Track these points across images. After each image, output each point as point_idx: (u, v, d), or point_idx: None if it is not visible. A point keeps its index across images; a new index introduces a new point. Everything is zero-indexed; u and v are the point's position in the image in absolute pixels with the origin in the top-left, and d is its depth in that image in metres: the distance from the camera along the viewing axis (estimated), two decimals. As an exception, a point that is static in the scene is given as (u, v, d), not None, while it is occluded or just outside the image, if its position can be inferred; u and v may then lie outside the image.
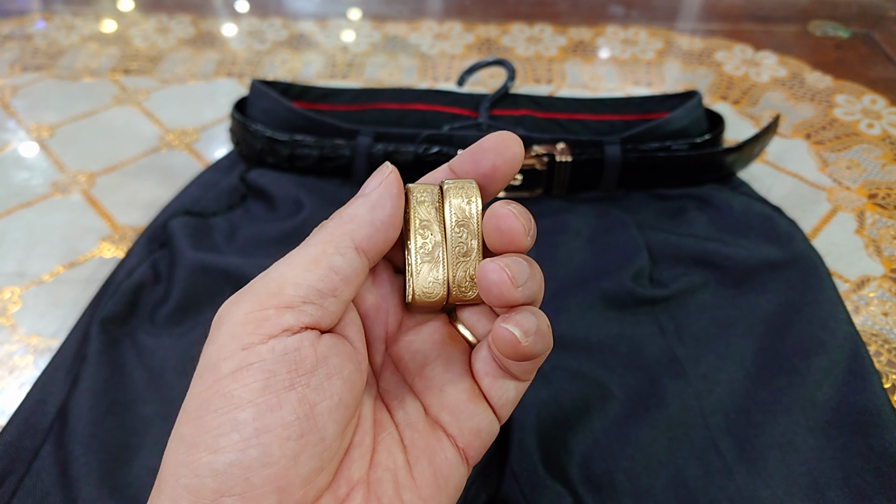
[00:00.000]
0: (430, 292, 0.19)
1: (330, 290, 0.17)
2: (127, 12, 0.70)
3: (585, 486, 0.28)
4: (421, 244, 0.19)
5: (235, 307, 0.16)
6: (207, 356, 0.16)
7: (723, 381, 0.32)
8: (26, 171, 0.49)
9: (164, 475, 0.16)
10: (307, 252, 0.17)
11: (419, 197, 0.19)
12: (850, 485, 0.28)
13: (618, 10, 0.69)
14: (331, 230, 0.18)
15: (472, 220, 0.19)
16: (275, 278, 0.17)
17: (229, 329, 0.16)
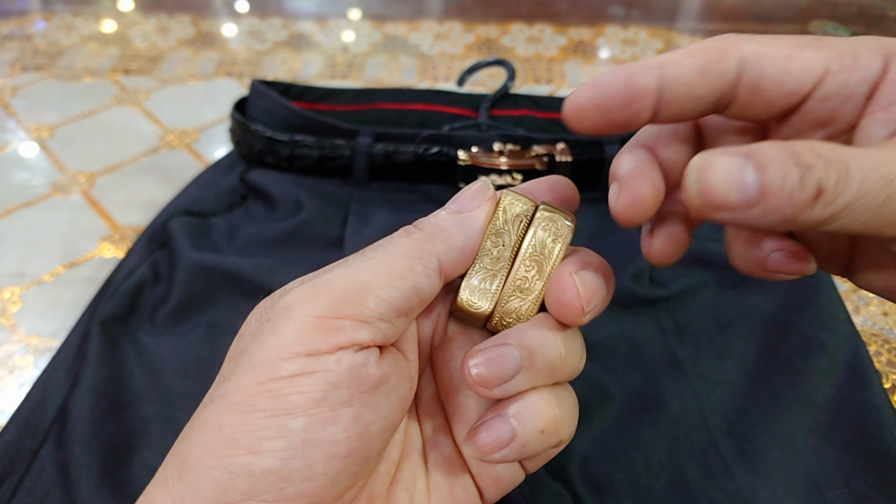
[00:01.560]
0: (475, 303, 0.18)
1: (407, 310, 0.16)
2: (127, 12, 0.70)
3: (585, 487, 0.28)
4: (486, 251, 0.18)
5: (310, 304, 0.15)
6: (266, 348, 0.15)
7: (723, 382, 0.32)
8: (26, 171, 0.49)
9: (191, 457, 0.15)
10: (394, 263, 0.16)
11: (509, 206, 0.18)
12: (850, 485, 0.28)
13: (618, 10, 0.69)
14: (420, 244, 0.16)
15: (546, 262, 0.17)
16: (357, 285, 0.15)
17: (298, 327, 0.15)
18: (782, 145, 0.14)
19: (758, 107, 0.17)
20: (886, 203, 0.14)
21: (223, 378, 0.16)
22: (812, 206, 0.14)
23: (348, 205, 0.40)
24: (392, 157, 0.40)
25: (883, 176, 0.14)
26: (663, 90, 0.16)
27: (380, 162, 0.40)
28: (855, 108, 0.16)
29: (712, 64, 0.16)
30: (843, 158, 0.14)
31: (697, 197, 0.15)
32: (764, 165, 0.14)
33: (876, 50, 0.16)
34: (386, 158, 0.40)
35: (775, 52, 0.16)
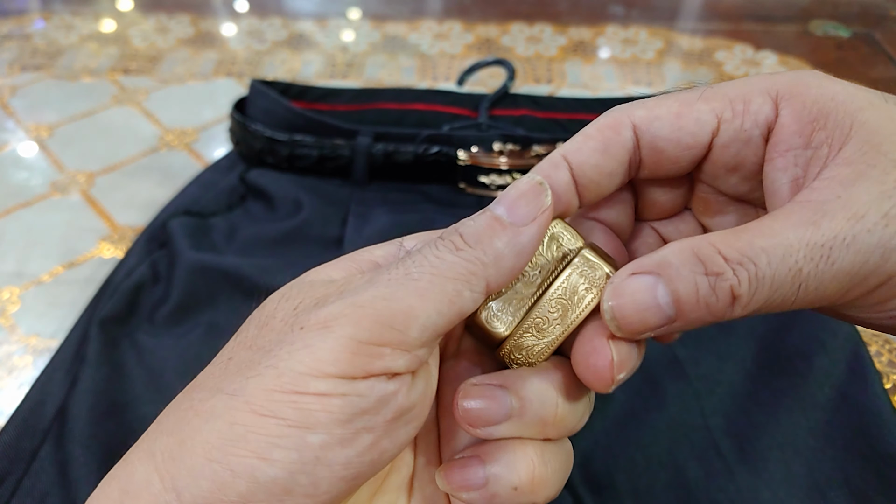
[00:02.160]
0: (493, 325, 0.17)
1: (447, 332, 0.15)
2: (126, 12, 0.70)
3: (585, 487, 0.28)
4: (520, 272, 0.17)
5: (351, 327, 0.14)
6: (298, 361, 0.14)
7: (723, 382, 0.32)
8: (25, 170, 0.49)
9: (192, 443, 0.14)
10: (443, 288, 0.15)
11: (558, 235, 0.17)
12: (850, 485, 0.28)
13: (618, 10, 0.69)
14: (471, 267, 0.15)
15: (573, 310, 0.16)
16: (404, 311, 0.14)
17: (336, 349, 0.14)
18: (689, 250, 0.15)
19: (664, 165, 0.18)
20: (801, 291, 0.14)
21: (237, 369, 0.15)
22: (730, 309, 0.14)
23: (348, 205, 0.40)
24: (392, 157, 0.40)
25: (791, 267, 0.14)
26: (577, 179, 0.17)
27: (379, 162, 0.40)
28: (757, 151, 0.17)
29: (610, 140, 0.17)
30: (750, 255, 0.14)
31: (618, 331, 0.16)
32: (674, 280, 0.14)
33: (766, 92, 0.16)
34: (386, 158, 0.40)
35: (664, 112, 0.17)
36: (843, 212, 0.14)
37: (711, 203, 0.19)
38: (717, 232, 0.15)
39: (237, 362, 0.15)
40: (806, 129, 0.15)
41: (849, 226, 0.14)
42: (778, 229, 0.14)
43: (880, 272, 0.14)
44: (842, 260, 0.14)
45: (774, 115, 0.16)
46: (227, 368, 0.15)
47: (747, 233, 0.14)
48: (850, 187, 0.14)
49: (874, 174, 0.14)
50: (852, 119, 0.15)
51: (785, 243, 0.14)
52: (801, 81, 0.16)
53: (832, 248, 0.14)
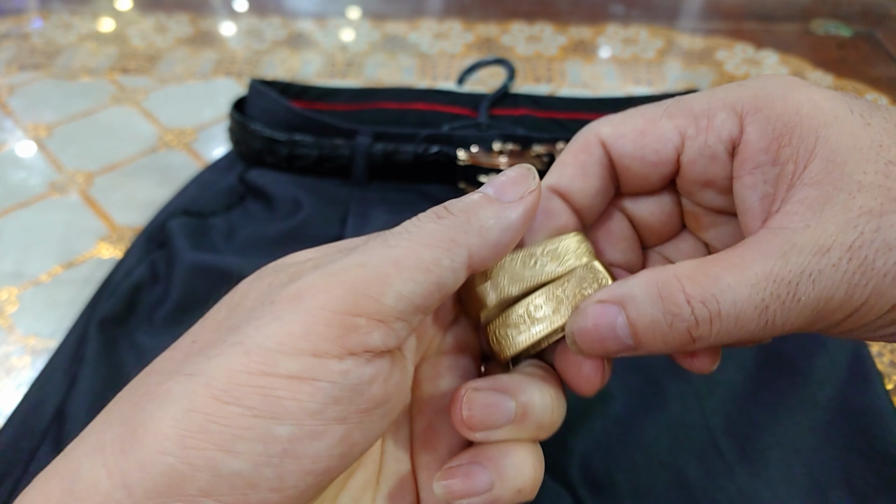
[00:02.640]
0: (487, 294, 0.17)
1: (426, 307, 0.15)
2: (125, 11, 0.69)
3: (586, 487, 0.28)
4: (523, 258, 0.17)
5: (323, 295, 0.13)
6: (266, 335, 0.13)
7: (724, 382, 0.32)
8: (23, 170, 0.49)
9: (145, 432, 0.13)
10: (420, 254, 0.14)
11: (573, 244, 0.17)
12: (851, 486, 0.27)
13: (618, 9, 0.69)
14: (452, 234, 0.15)
15: (564, 311, 0.17)
16: (378, 277, 0.14)
17: (307, 321, 0.13)
18: (654, 285, 0.15)
19: (635, 181, 0.18)
20: (768, 326, 0.14)
21: (200, 349, 0.14)
22: (691, 344, 0.15)
23: (347, 205, 0.40)
24: (391, 156, 0.40)
25: (758, 305, 0.14)
26: (570, 204, 0.18)
27: (379, 162, 0.40)
28: (725, 167, 0.17)
29: (585, 163, 0.18)
30: (715, 293, 0.14)
31: (579, 353, 0.16)
32: (634, 314, 0.15)
33: (731, 107, 0.16)
34: (385, 158, 0.40)
35: (629, 129, 0.17)
36: (811, 244, 0.14)
37: (701, 218, 0.19)
38: (688, 263, 0.15)
39: (201, 344, 0.14)
40: (772, 146, 0.15)
41: (815, 260, 0.14)
42: (748, 262, 0.14)
43: (845, 307, 0.14)
44: (807, 296, 0.14)
45: (739, 130, 0.16)
46: (189, 350, 0.14)
47: (716, 266, 0.14)
48: (819, 214, 0.14)
49: (841, 199, 0.14)
50: (816, 135, 0.15)
51: (753, 279, 0.14)
52: (765, 94, 0.16)
53: (798, 284, 0.14)
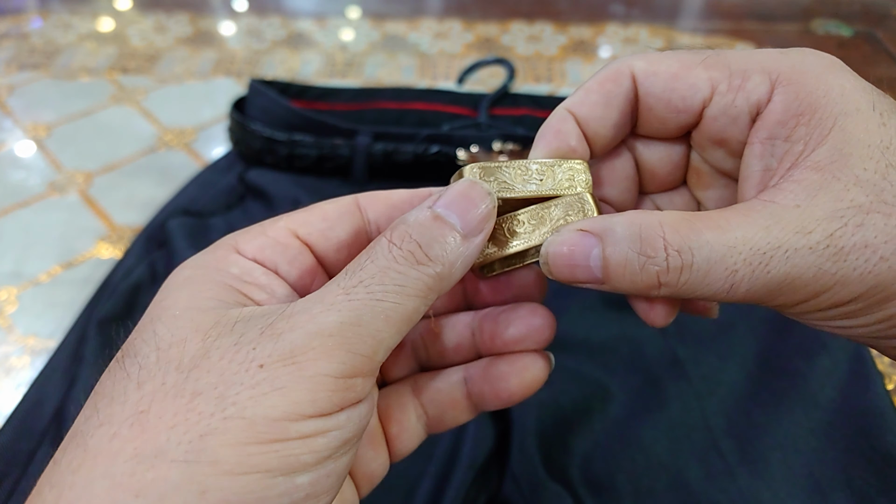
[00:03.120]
0: (483, 180, 0.17)
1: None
2: (124, 11, 0.69)
3: (586, 488, 0.28)
4: (507, 167, 0.17)
5: (324, 361, 0.13)
6: (270, 406, 0.13)
7: (724, 382, 0.32)
8: (23, 170, 0.49)
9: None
10: (405, 308, 0.15)
11: (573, 171, 0.18)
12: (852, 486, 0.27)
13: (619, 9, 0.69)
14: (430, 281, 0.15)
15: (543, 231, 0.17)
16: (371, 335, 0.14)
17: (312, 388, 0.13)
18: (636, 225, 0.15)
19: (654, 124, 0.18)
20: (731, 290, 0.15)
21: (173, 428, 0.13)
22: (655, 289, 0.15)
23: (347, 204, 0.40)
24: (391, 156, 0.40)
25: (728, 267, 0.14)
26: (584, 131, 0.18)
27: (379, 161, 0.40)
28: (742, 130, 0.17)
29: (611, 93, 0.18)
30: (692, 245, 0.15)
31: (549, 274, 0.17)
32: (610, 249, 0.15)
33: (766, 71, 0.16)
34: (385, 158, 0.40)
35: (663, 70, 0.17)
36: (796, 223, 0.14)
37: (704, 176, 0.19)
38: (674, 213, 0.15)
39: (159, 416, 0.13)
40: (790, 122, 0.16)
41: (794, 239, 0.14)
42: (732, 224, 0.15)
43: (808, 289, 0.15)
44: (777, 270, 0.14)
45: (767, 98, 0.16)
46: (144, 426, 0.13)
47: (701, 221, 0.15)
48: (811, 198, 0.15)
49: (835, 188, 0.14)
50: (834, 121, 0.15)
51: (731, 241, 0.14)
52: (802, 69, 0.16)
53: (772, 257, 0.14)
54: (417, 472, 0.28)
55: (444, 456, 0.29)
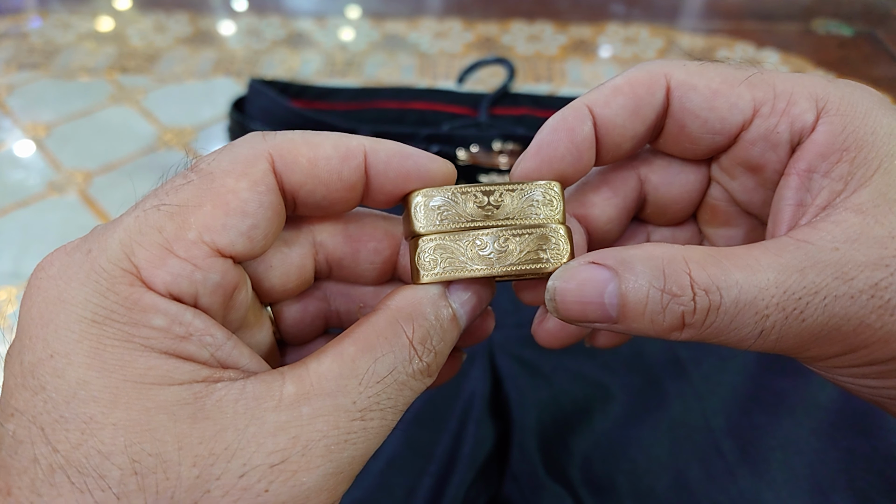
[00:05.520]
0: (412, 222, 0.15)
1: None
2: (124, 10, 0.69)
3: (586, 488, 0.28)
4: (461, 193, 0.15)
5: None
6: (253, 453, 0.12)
7: (725, 383, 0.31)
8: (22, 170, 0.49)
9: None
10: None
11: (548, 198, 0.15)
12: (853, 487, 0.27)
13: (619, 8, 0.69)
14: (423, 388, 0.15)
15: (507, 260, 0.15)
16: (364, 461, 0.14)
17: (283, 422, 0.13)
18: (658, 259, 0.13)
19: (682, 143, 0.16)
20: (760, 338, 0.13)
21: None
22: (677, 333, 0.14)
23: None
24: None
25: (759, 311, 0.13)
26: (600, 135, 0.16)
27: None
28: (781, 159, 0.15)
29: (642, 100, 0.16)
30: (721, 285, 0.13)
31: (555, 312, 0.15)
32: (628, 285, 0.13)
33: (814, 98, 0.15)
34: (385, 157, 0.40)
35: (703, 85, 0.15)
36: (835, 267, 0.13)
37: (720, 212, 0.18)
38: (699, 248, 0.14)
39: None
40: (833, 156, 0.14)
41: (834, 285, 0.13)
42: (763, 265, 0.13)
43: (846, 343, 0.13)
44: (813, 319, 0.13)
45: (812, 127, 0.15)
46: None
47: (729, 259, 0.13)
48: (852, 242, 0.13)
49: (879, 234, 0.13)
50: (880, 163, 0.14)
51: (762, 283, 0.13)
52: (851, 100, 0.15)
53: (808, 303, 0.13)
54: (417, 472, 0.28)
55: (444, 456, 0.29)
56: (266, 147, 0.14)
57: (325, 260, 0.17)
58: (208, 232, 0.13)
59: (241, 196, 0.14)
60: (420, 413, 0.30)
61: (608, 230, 0.18)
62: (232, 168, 0.14)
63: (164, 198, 0.14)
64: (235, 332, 0.15)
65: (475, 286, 0.16)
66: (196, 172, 0.14)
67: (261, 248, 0.14)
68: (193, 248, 0.13)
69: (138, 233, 0.13)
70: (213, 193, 0.13)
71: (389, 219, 0.17)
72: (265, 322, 0.16)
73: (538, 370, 0.32)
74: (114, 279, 0.12)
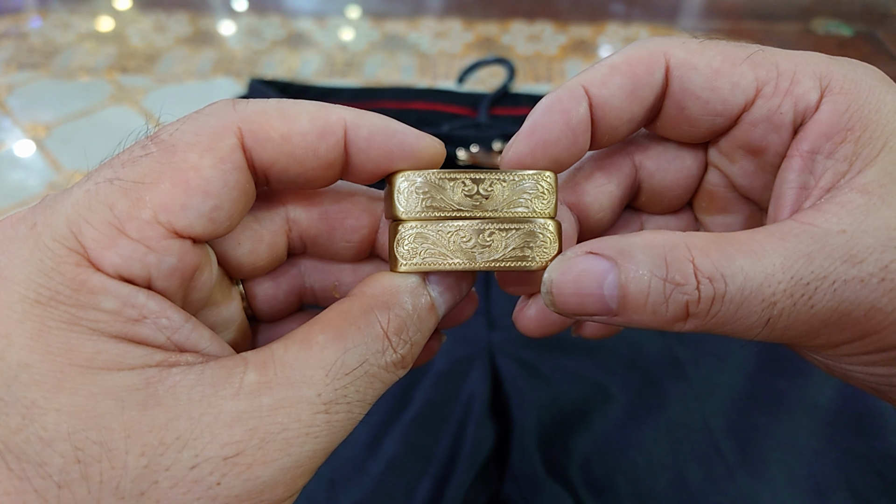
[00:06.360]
0: (395, 205, 0.14)
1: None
2: (124, 10, 0.69)
3: (586, 489, 0.28)
4: (449, 178, 0.14)
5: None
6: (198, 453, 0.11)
7: (724, 383, 0.32)
8: (22, 170, 0.49)
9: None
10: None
11: (541, 189, 0.15)
12: (852, 487, 0.27)
13: (619, 8, 0.69)
14: (394, 380, 0.14)
15: (491, 255, 0.14)
16: (325, 456, 0.13)
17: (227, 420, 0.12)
18: (660, 247, 0.13)
19: (681, 126, 0.15)
20: (767, 326, 0.13)
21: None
22: (681, 324, 0.13)
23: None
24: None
25: (766, 298, 0.12)
26: (595, 117, 0.15)
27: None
28: (783, 141, 0.15)
29: (640, 80, 0.15)
30: (725, 272, 0.12)
31: (552, 306, 0.14)
32: (628, 275, 0.13)
33: (817, 77, 0.14)
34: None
35: (704, 64, 0.14)
36: (843, 250, 0.12)
37: (718, 198, 0.17)
38: (701, 234, 0.13)
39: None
40: (837, 136, 0.14)
41: (843, 269, 0.12)
42: (768, 250, 0.13)
43: (857, 328, 0.13)
44: (822, 304, 0.12)
45: (816, 106, 0.14)
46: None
47: (732, 245, 0.13)
48: (859, 224, 0.13)
49: (886, 214, 0.13)
50: (885, 141, 0.13)
51: (769, 269, 0.12)
52: (854, 77, 0.14)
53: (817, 288, 0.12)
54: (417, 472, 0.28)
55: (444, 456, 0.29)
56: (235, 118, 0.13)
57: (298, 237, 0.16)
58: (165, 212, 0.12)
59: (203, 174, 0.12)
60: (420, 414, 0.30)
61: (600, 219, 0.17)
62: (196, 141, 0.13)
63: (119, 170, 0.12)
64: (200, 311, 0.14)
65: (456, 273, 0.15)
66: (156, 143, 0.13)
67: (225, 229, 0.13)
68: (147, 229, 0.12)
69: (87, 209, 0.12)
70: (173, 169, 0.12)
71: (370, 195, 0.16)
72: (234, 299, 0.16)
73: (538, 371, 0.32)
74: (59, 258, 0.12)
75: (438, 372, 0.32)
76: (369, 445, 0.29)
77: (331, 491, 0.28)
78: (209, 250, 0.14)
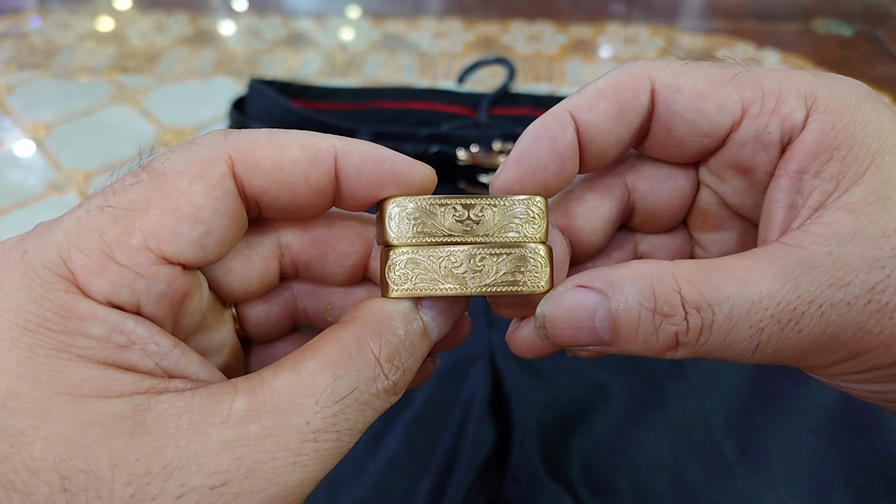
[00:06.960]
0: (386, 231, 0.15)
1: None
2: (124, 10, 0.69)
3: (586, 488, 0.28)
4: (439, 203, 0.14)
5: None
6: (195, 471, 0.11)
7: (724, 383, 0.32)
8: (22, 170, 0.49)
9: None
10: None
11: (531, 214, 0.15)
12: (853, 487, 0.27)
13: (619, 8, 0.69)
14: (386, 407, 0.14)
15: (483, 280, 0.14)
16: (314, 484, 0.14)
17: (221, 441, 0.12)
18: (648, 278, 0.13)
19: (669, 147, 0.16)
20: (757, 351, 0.13)
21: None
22: (672, 352, 0.13)
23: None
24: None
25: (753, 325, 0.13)
26: (583, 142, 0.15)
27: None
28: (771, 160, 0.15)
29: (626, 104, 0.15)
30: (712, 302, 0.13)
31: (545, 339, 0.14)
32: (618, 306, 0.13)
33: (802, 95, 0.14)
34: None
35: (689, 86, 0.15)
36: (829, 273, 0.13)
37: (711, 216, 0.17)
38: (688, 263, 0.13)
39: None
40: (823, 155, 0.14)
41: (829, 293, 0.13)
42: (755, 276, 0.13)
43: (846, 350, 0.13)
44: (810, 329, 0.13)
45: (802, 125, 0.14)
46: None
47: (720, 272, 0.13)
48: (845, 245, 0.13)
49: (873, 234, 0.13)
50: (871, 159, 0.13)
51: (755, 296, 0.13)
52: (840, 96, 0.14)
53: (804, 313, 0.13)
54: (417, 472, 0.28)
55: (444, 456, 0.29)
56: (227, 148, 0.13)
57: (290, 262, 0.16)
58: (155, 238, 0.12)
59: (193, 201, 0.13)
60: (420, 414, 0.30)
61: (593, 241, 0.17)
62: (187, 169, 0.13)
63: (110, 198, 0.13)
64: (192, 335, 0.14)
65: (448, 298, 0.15)
66: (148, 172, 0.13)
67: (215, 256, 0.13)
68: (137, 255, 0.12)
69: (77, 236, 0.12)
70: (164, 196, 0.12)
71: (361, 220, 0.16)
72: (226, 323, 0.16)
73: (538, 371, 0.32)
74: (48, 285, 0.12)
75: (439, 371, 0.32)
76: (370, 444, 0.29)
77: (331, 490, 0.28)
78: (200, 276, 0.14)
